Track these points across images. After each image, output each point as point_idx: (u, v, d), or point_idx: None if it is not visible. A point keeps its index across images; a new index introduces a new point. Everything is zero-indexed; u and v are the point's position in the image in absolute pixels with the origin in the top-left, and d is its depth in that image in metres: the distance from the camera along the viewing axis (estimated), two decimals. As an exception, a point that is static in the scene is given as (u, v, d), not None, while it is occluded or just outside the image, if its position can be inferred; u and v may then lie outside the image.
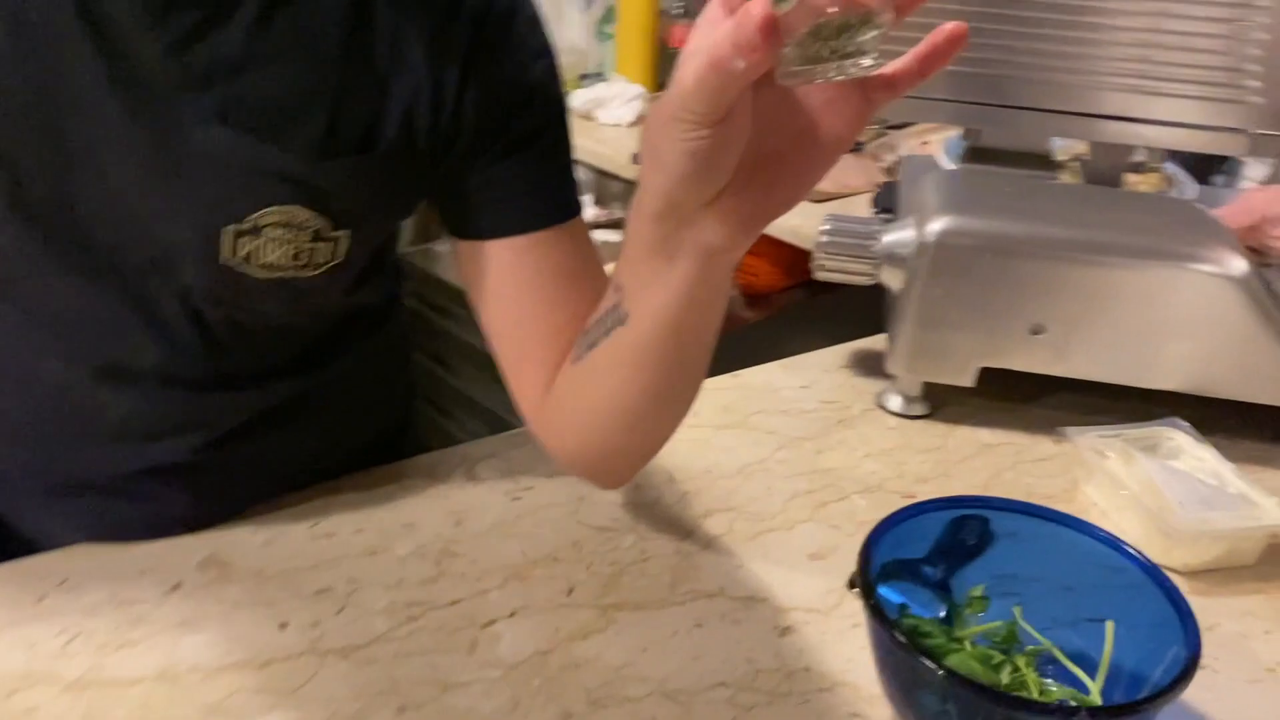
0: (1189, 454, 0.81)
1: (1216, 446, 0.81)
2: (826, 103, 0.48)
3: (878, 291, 0.93)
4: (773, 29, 0.39)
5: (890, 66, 0.46)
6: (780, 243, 1.43)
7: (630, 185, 1.65)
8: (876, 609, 0.56)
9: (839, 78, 0.42)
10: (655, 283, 0.55)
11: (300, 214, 0.64)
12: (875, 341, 1.01)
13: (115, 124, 0.61)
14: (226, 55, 0.60)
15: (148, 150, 0.61)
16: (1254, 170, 1.41)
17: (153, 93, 0.60)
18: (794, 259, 1.49)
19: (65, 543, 0.72)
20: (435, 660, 0.63)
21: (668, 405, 0.65)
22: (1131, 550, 0.62)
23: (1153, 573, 0.61)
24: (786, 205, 0.50)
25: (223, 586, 0.68)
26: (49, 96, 0.60)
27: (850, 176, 1.45)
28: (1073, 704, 0.58)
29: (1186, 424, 0.83)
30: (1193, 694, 0.63)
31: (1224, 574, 0.74)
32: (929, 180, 0.93)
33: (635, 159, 1.61)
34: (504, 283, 0.70)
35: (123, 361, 0.69)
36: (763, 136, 0.48)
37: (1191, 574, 0.73)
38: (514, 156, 0.68)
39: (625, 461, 0.71)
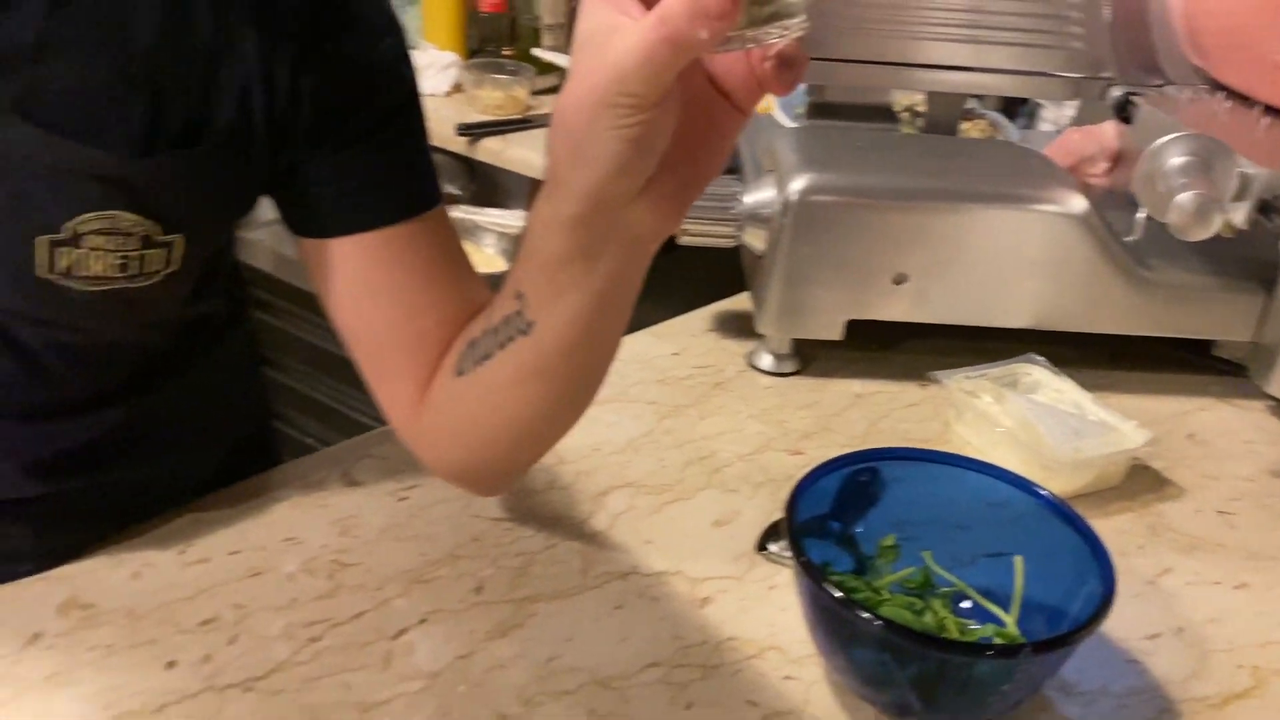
0: (1048, 387, 0.86)
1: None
2: (725, 72, 0.46)
3: (722, 253, 0.92)
4: None
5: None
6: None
7: (457, 159, 1.59)
8: (809, 567, 0.56)
9: (778, 40, 0.41)
10: (571, 289, 0.51)
11: (123, 219, 0.57)
12: (737, 302, 1.01)
13: None
14: (22, 41, 0.53)
15: None
16: (1050, 113, 1.50)
17: None
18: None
19: (-111, 601, 0.63)
20: (348, 680, 0.59)
21: (568, 414, 0.61)
22: (1016, 477, 0.65)
23: (1051, 504, 0.64)
24: (710, 176, 0.48)
25: (90, 631, 0.61)
26: None
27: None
28: (1014, 644, 0.60)
29: (1042, 359, 0.87)
30: (1091, 615, 0.66)
31: (1094, 497, 0.78)
32: (780, 140, 0.93)
33: (459, 130, 1.55)
34: (358, 286, 0.63)
35: None
36: (684, 111, 0.46)
37: (1067, 500, 0.77)
38: (360, 144, 0.62)
39: (511, 471, 0.68)
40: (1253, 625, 0.68)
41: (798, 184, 0.85)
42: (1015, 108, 1.52)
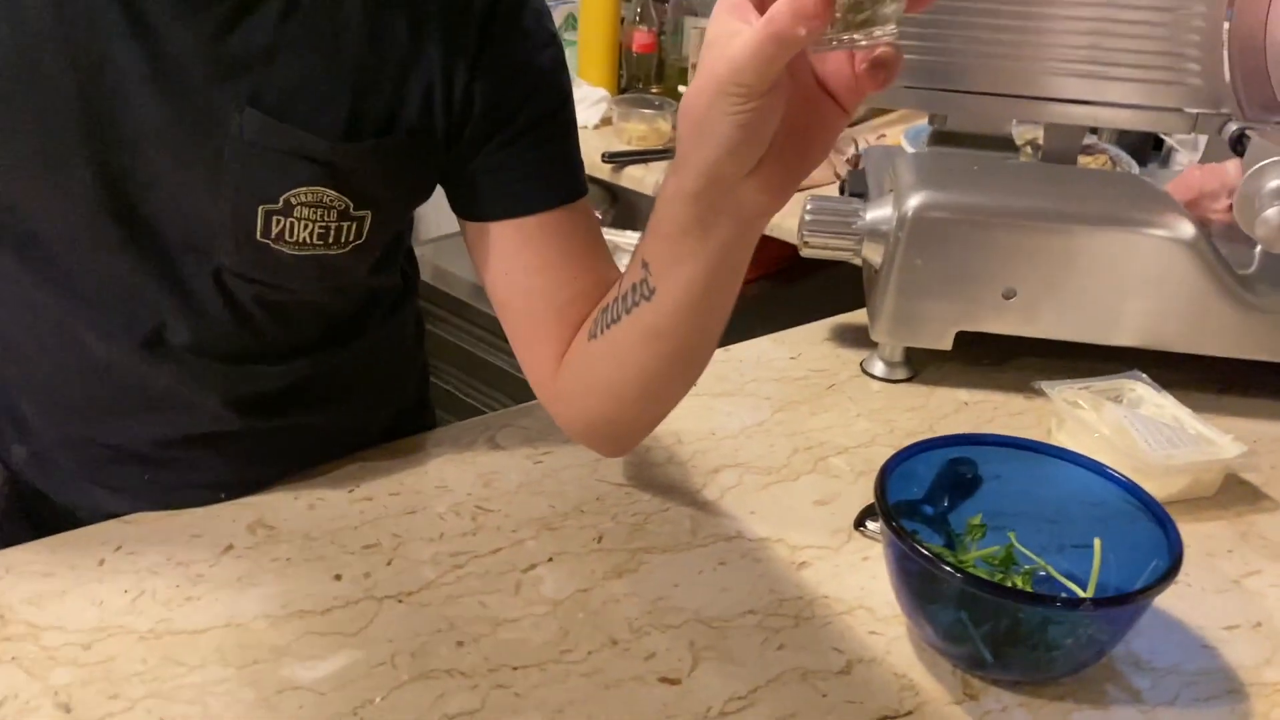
0: (1150, 402, 0.89)
1: (1175, 397, 0.89)
2: (831, 73, 0.54)
3: (846, 277, 1.00)
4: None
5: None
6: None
7: (602, 185, 1.70)
8: (897, 527, 0.63)
9: (867, 43, 0.49)
10: (689, 257, 0.60)
11: (327, 194, 0.68)
12: (854, 316, 1.08)
13: (153, 110, 0.65)
14: (256, 44, 0.65)
15: (185, 136, 0.66)
16: (1183, 157, 1.52)
17: (188, 80, 0.65)
18: (765, 250, 1.56)
19: (109, 513, 0.75)
20: (485, 600, 0.68)
21: (685, 373, 0.70)
22: (1112, 471, 0.69)
23: (1132, 489, 0.68)
24: (814, 164, 0.56)
25: (273, 546, 0.72)
26: (92, 82, 0.64)
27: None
28: (1075, 598, 0.65)
29: (1145, 376, 0.91)
30: (1171, 604, 0.71)
31: (1189, 504, 0.81)
32: (901, 163, 1.00)
33: (605, 158, 1.67)
34: (511, 262, 0.74)
35: (160, 336, 0.73)
36: (791, 104, 0.54)
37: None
38: (520, 141, 0.72)
39: (635, 430, 0.77)
40: (1334, 627, 0.70)
41: (913, 201, 0.92)
42: (1149, 149, 1.55)
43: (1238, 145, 0.96)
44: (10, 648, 0.63)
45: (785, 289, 1.68)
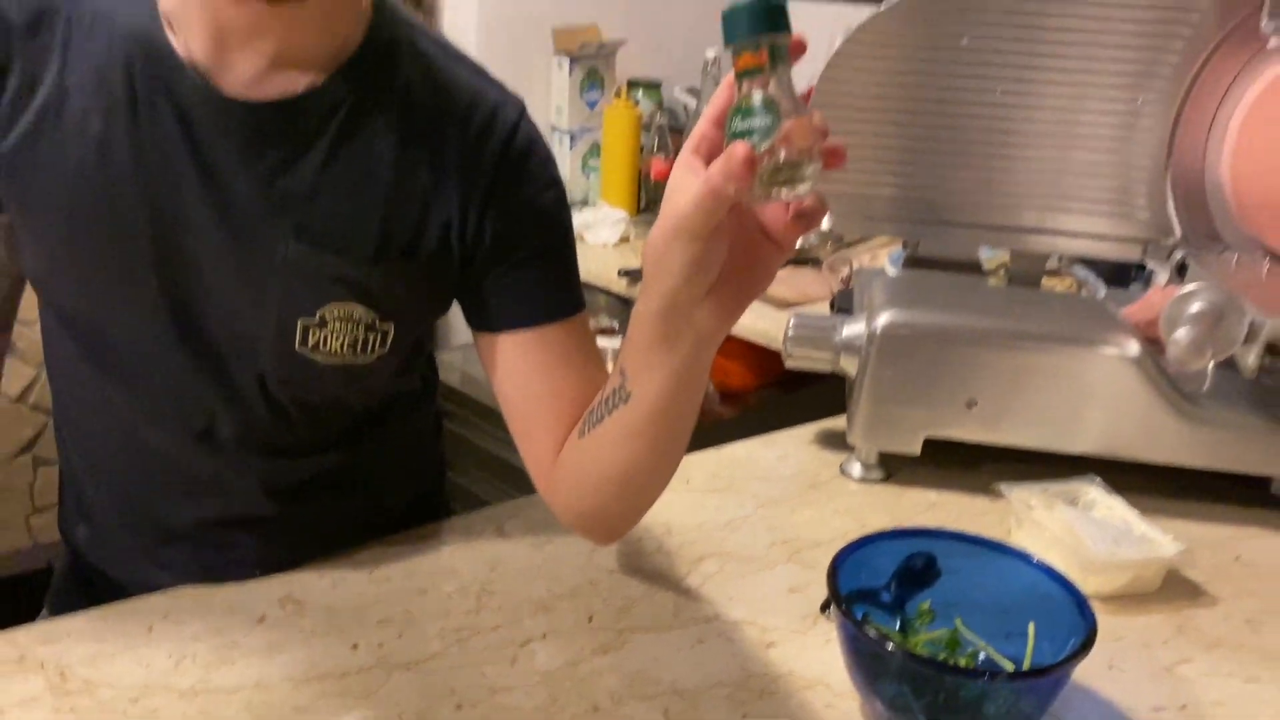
0: (1102, 504, 0.97)
1: (1128, 500, 0.97)
2: (769, 219, 0.64)
3: (835, 387, 1.09)
4: (752, 165, 0.57)
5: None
6: (750, 345, 1.60)
7: (616, 298, 1.83)
8: (846, 610, 0.71)
9: (789, 197, 0.59)
10: (657, 367, 0.70)
11: (357, 310, 0.80)
12: (838, 421, 1.17)
13: (214, 240, 0.77)
14: (302, 186, 0.77)
15: (239, 261, 0.78)
16: (1164, 280, 1.61)
17: (244, 216, 0.77)
18: (763, 360, 1.66)
19: (156, 585, 0.85)
20: (484, 670, 0.77)
21: (660, 467, 0.80)
22: (1050, 567, 0.77)
23: (1061, 581, 0.76)
24: (757, 293, 0.66)
25: (300, 619, 0.82)
26: (164, 217, 0.77)
27: (811, 287, 1.64)
28: (997, 669, 0.72)
29: (1099, 479, 0.99)
30: (1104, 687, 0.78)
31: (1133, 599, 0.89)
32: (876, 284, 1.10)
33: (620, 274, 1.79)
34: (514, 367, 0.85)
35: (210, 429, 0.84)
36: (735, 242, 0.64)
37: (1105, 599, 0.88)
38: (524, 267, 0.83)
39: (622, 521, 0.86)
40: (1255, 711, 0.77)
41: (882, 319, 1.02)
42: (1129, 272, 1.65)
43: (1181, 272, 1.06)
44: (70, 700, 0.72)
45: (786, 397, 1.78)
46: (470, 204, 0.81)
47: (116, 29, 0.75)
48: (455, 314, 0.88)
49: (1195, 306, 0.89)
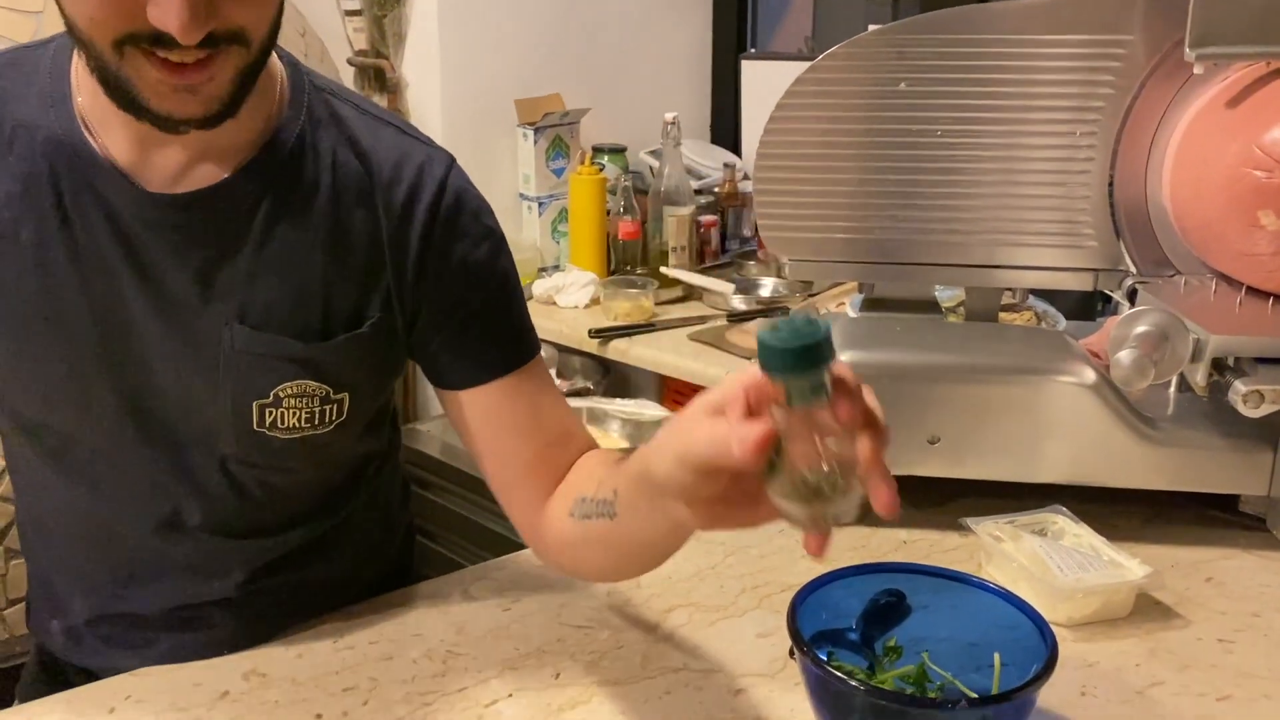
0: (1069, 533, 0.97)
1: (1097, 529, 0.96)
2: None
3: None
4: (763, 446, 0.56)
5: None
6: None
7: (589, 357, 1.83)
8: (805, 647, 0.70)
9: (828, 519, 0.59)
10: (641, 509, 0.70)
11: (310, 385, 0.80)
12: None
13: (159, 335, 0.78)
14: (238, 273, 0.78)
15: (186, 353, 0.79)
16: (1125, 308, 1.63)
17: (185, 309, 0.78)
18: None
19: (123, 669, 0.84)
20: (449, 733, 0.76)
21: (635, 572, 0.84)
22: (1014, 596, 0.77)
23: (1027, 610, 0.76)
24: (739, 528, 0.65)
25: (264, 691, 0.81)
26: (107, 318, 0.78)
27: (782, 337, 1.65)
28: (954, 700, 0.72)
29: (1065, 509, 0.99)
30: (1078, 715, 0.78)
31: (1103, 625, 0.88)
32: (835, 326, 1.11)
33: (591, 334, 1.80)
34: (481, 423, 0.85)
35: (176, 518, 0.84)
36: (731, 488, 0.61)
37: (1075, 626, 0.88)
38: (470, 325, 0.84)
39: (612, 580, 0.89)
40: (1228, 729, 0.76)
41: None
42: (1095, 304, 1.66)
43: (1132, 299, 1.07)
44: (27, 786, 0.71)
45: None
46: (405, 272, 0.82)
47: (37, 138, 0.76)
48: (430, 385, 0.89)
49: (1139, 328, 0.90)
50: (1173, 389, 1.13)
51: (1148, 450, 1.00)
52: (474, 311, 0.83)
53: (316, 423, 0.82)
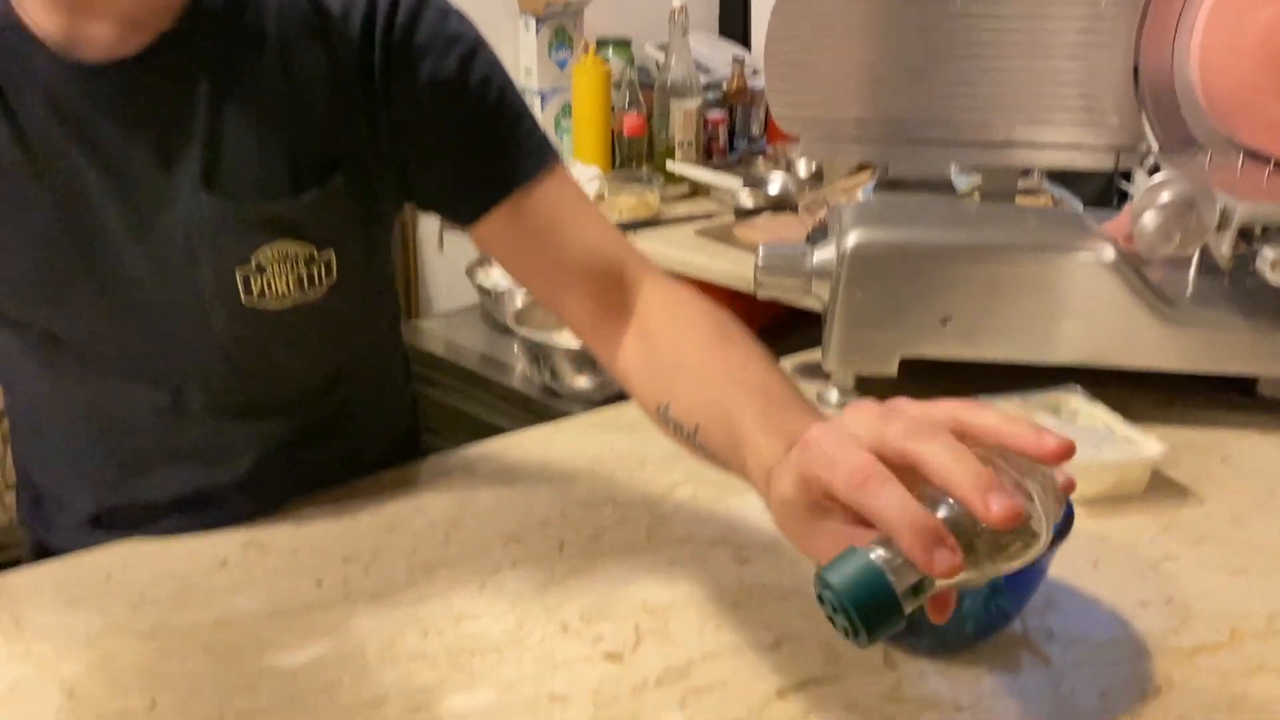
0: (1084, 412, 0.95)
1: (1111, 411, 0.94)
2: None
3: (818, 336, 1.07)
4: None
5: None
6: (731, 293, 1.58)
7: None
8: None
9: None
10: (716, 459, 0.69)
11: (290, 246, 0.77)
12: (815, 354, 1.15)
13: (124, 213, 0.75)
14: (194, 138, 0.74)
15: (155, 228, 0.76)
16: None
17: (145, 184, 0.75)
18: (744, 308, 1.64)
19: (123, 545, 0.83)
20: (450, 600, 0.75)
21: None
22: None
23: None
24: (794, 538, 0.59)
25: (263, 560, 0.80)
26: (69, 204, 0.74)
27: (788, 231, 1.62)
28: None
29: (1079, 387, 0.97)
30: (1090, 585, 0.76)
31: (1117, 501, 0.87)
32: (846, 209, 1.08)
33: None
34: (511, 249, 0.81)
35: (178, 403, 0.82)
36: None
37: (1088, 503, 0.86)
38: (460, 147, 0.78)
39: None
40: (1241, 600, 0.75)
41: (851, 239, 1.00)
42: (1111, 197, 1.62)
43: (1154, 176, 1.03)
44: (24, 645, 0.70)
45: (778, 342, 1.76)
46: (373, 101, 0.77)
47: None
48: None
49: (1164, 196, 0.86)
50: (1193, 271, 1.10)
51: (1167, 331, 0.98)
52: (462, 131, 0.78)
53: (306, 286, 0.79)
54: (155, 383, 0.81)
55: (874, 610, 0.49)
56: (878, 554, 0.49)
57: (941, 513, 0.51)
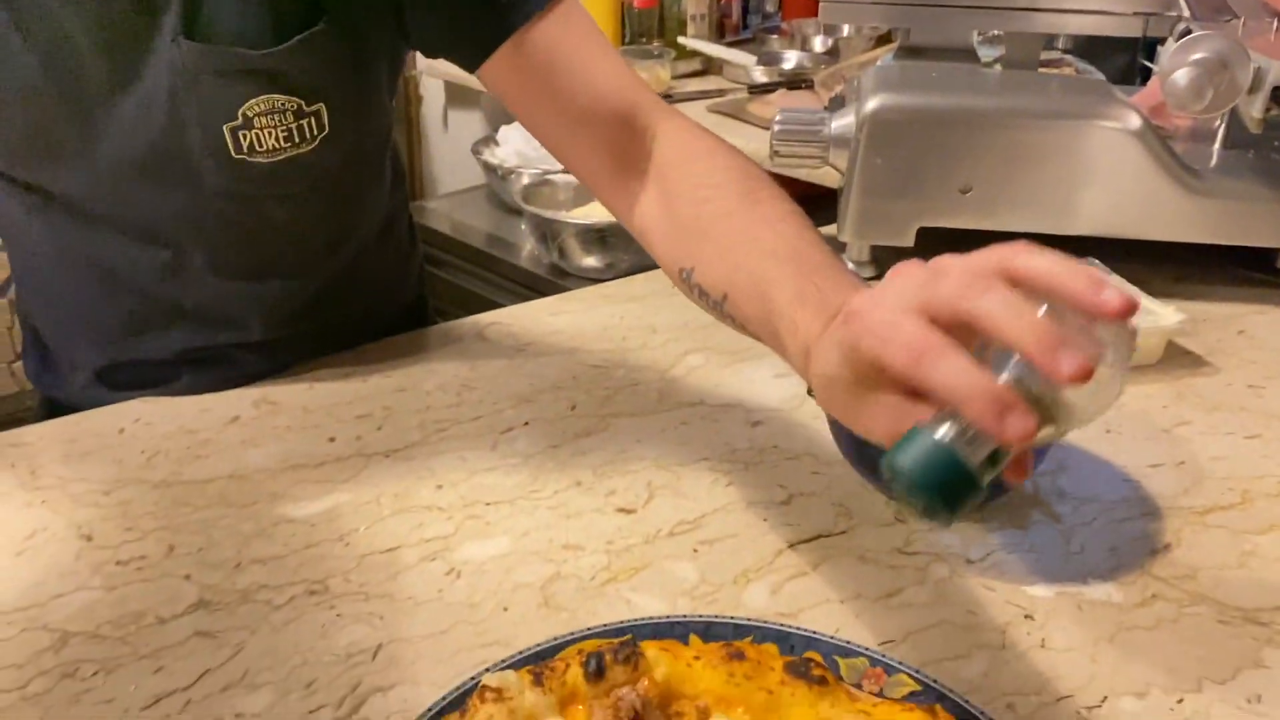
0: (1101, 284, 0.94)
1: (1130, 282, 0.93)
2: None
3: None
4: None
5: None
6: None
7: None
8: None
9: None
10: (746, 329, 0.65)
11: (277, 99, 0.74)
12: (830, 229, 1.13)
13: (109, 69, 0.72)
14: None
15: (142, 81, 0.73)
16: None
17: (128, 34, 0.72)
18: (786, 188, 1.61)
19: (136, 403, 0.83)
20: (464, 455, 0.75)
21: None
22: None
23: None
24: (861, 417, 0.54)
25: (274, 417, 0.80)
26: (53, 61, 0.72)
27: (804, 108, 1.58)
28: None
29: (1098, 261, 0.95)
30: (1100, 448, 0.76)
31: (1132, 369, 0.85)
32: (865, 75, 1.05)
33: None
34: (520, 93, 0.77)
35: (180, 262, 0.81)
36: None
37: (1102, 371, 0.85)
38: None
39: None
40: (1254, 463, 0.75)
41: (871, 104, 0.97)
42: (1134, 75, 1.58)
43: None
44: (41, 494, 0.70)
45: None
46: None
47: None
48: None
49: (1197, 53, 0.84)
50: (1217, 144, 1.07)
51: (1190, 201, 0.96)
52: None
53: (297, 139, 0.76)
54: (154, 239, 0.80)
55: (952, 489, 0.46)
56: (945, 429, 0.46)
57: (1007, 375, 0.47)
